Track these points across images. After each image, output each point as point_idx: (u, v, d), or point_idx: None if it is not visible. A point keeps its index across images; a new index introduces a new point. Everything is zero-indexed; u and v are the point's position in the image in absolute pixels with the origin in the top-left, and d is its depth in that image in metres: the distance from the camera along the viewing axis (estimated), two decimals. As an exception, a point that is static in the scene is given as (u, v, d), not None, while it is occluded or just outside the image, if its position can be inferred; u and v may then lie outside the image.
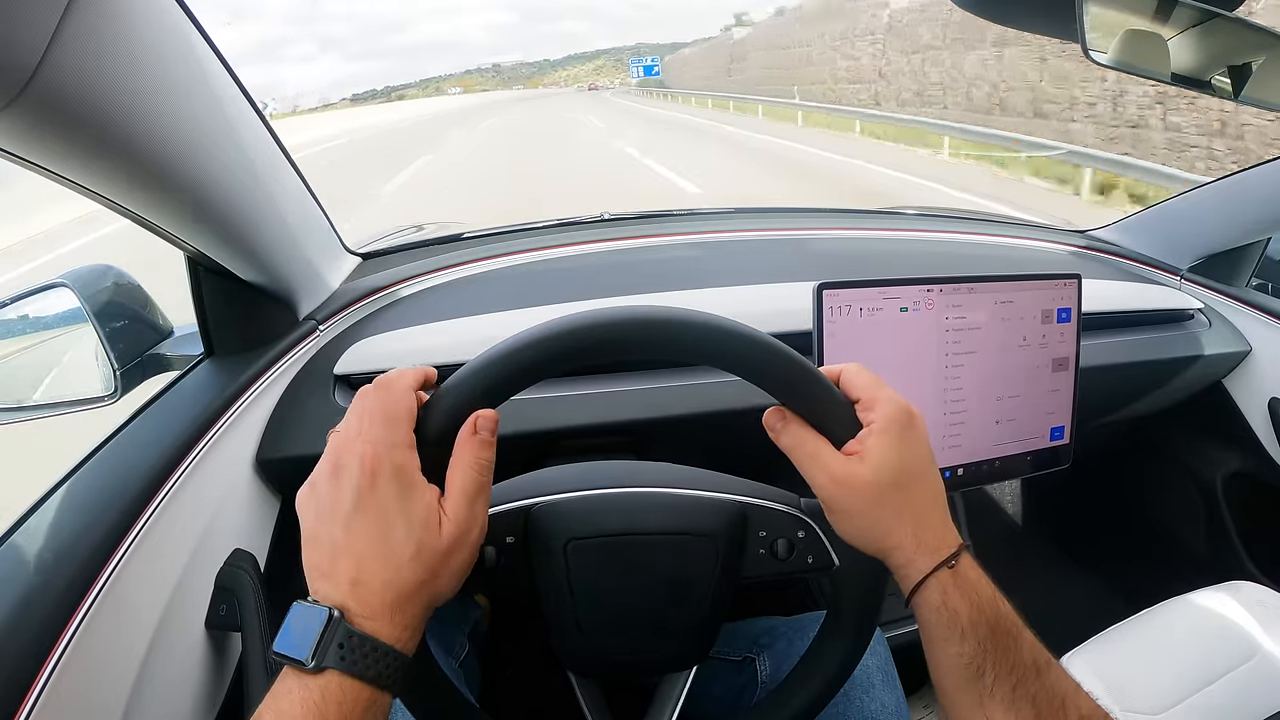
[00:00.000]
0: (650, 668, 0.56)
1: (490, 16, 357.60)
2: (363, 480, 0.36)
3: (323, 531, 0.36)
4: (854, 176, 7.76)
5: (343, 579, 0.35)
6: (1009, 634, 0.39)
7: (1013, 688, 0.38)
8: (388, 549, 0.36)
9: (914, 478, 0.41)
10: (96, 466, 0.60)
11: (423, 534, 0.36)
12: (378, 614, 0.35)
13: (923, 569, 0.40)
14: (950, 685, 0.40)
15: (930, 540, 0.40)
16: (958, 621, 0.39)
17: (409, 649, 0.36)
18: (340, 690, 0.33)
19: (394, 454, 0.37)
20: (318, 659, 0.33)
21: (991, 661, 0.38)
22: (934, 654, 0.41)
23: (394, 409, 0.38)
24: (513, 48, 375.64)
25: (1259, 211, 1.01)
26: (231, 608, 0.63)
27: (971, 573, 0.40)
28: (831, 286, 0.71)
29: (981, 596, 0.39)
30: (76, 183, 0.48)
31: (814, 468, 0.42)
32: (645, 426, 0.80)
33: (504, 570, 0.46)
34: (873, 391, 0.42)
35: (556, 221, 1.21)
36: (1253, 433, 1.08)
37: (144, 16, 0.44)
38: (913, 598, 0.41)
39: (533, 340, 0.40)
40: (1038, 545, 1.49)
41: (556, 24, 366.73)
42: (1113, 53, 0.72)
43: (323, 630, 0.34)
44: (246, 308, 0.75)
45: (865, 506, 0.41)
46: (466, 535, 0.38)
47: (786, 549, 0.47)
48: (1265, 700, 0.70)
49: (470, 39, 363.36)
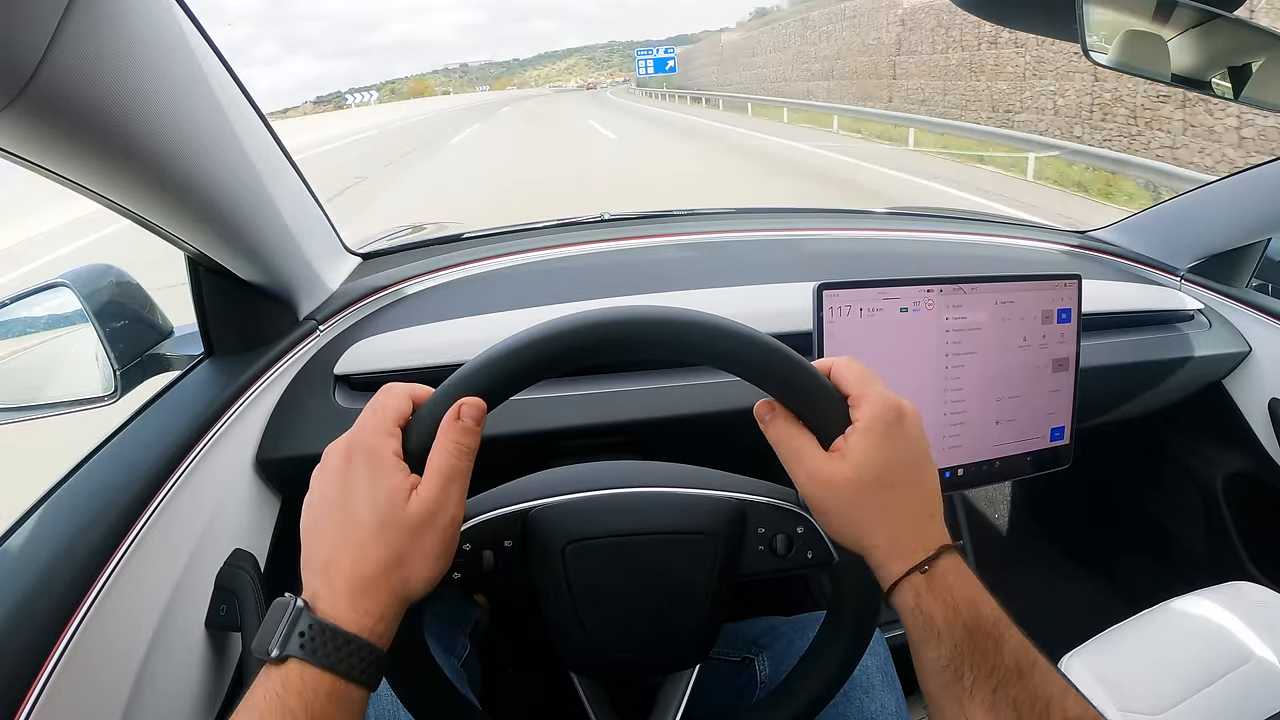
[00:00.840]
0: (652, 667, 0.56)
1: (460, 16, 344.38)
2: (338, 464, 0.38)
3: (307, 519, 0.38)
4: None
5: (318, 562, 0.36)
6: (989, 636, 0.38)
7: (993, 690, 0.37)
8: (353, 527, 0.36)
9: (898, 476, 0.40)
10: (97, 466, 0.60)
11: (387, 510, 0.36)
12: (340, 597, 0.35)
13: (895, 572, 0.40)
14: (932, 687, 0.40)
15: (907, 542, 0.40)
16: (932, 624, 0.39)
17: (378, 639, 0.36)
18: (300, 679, 0.33)
19: (369, 437, 0.38)
20: (279, 648, 0.33)
21: (970, 664, 0.38)
22: (915, 654, 0.41)
23: (382, 404, 0.39)
24: (481, 47, 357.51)
25: (1259, 212, 1.01)
26: (231, 608, 0.63)
27: (950, 575, 0.40)
28: (831, 287, 0.71)
29: (958, 599, 0.39)
30: (77, 183, 0.48)
31: (796, 464, 0.42)
32: (647, 426, 0.80)
33: (502, 574, 0.46)
34: (861, 387, 0.41)
35: (557, 221, 1.21)
36: (1253, 433, 1.08)
37: (144, 16, 0.44)
38: (889, 599, 0.41)
39: (526, 343, 0.40)
40: (1038, 545, 1.49)
41: (526, 24, 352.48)
42: (1113, 53, 0.72)
43: (287, 619, 0.34)
44: (246, 308, 0.75)
45: (844, 506, 0.41)
46: (435, 516, 0.37)
47: (785, 545, 0.47)
48: (1265, 700, 0.70)
49: (440, 38, 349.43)
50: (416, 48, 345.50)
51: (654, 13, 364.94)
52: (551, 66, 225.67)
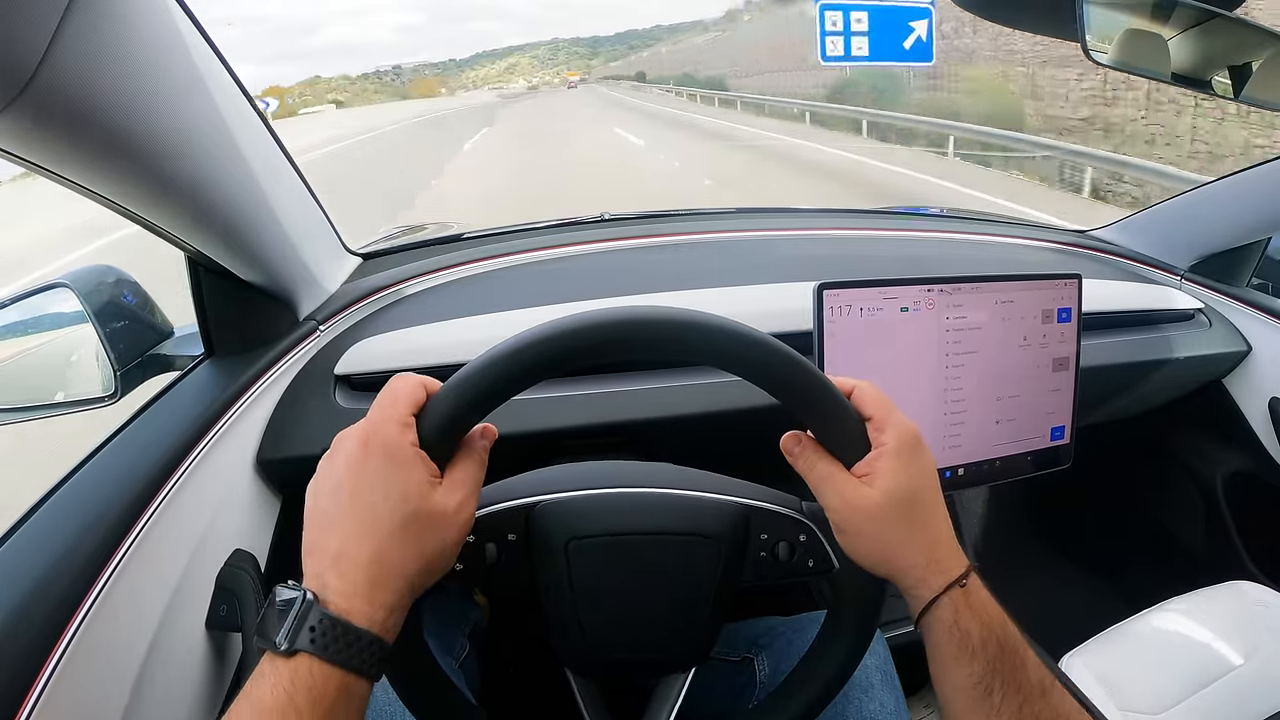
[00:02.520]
0: (649, 668, 0.56)
1: (399, 17, 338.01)
2: (355, 454, 0.37)
3: (314, 507, 0.37)
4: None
5: (327, 553, 0.35)
6: (1016, 653, 0.39)
7: (1019, 707, 0.38)
8: (373, 519, 0.36)
9: (923, 500, 0.42)
10: (97, 467, 0.60)
11: (412, 505, 0.36)
12: (357, 590, 0.35)
13: (935, 588, 0.40)
14: (959, 705, 0.40)
15: (941, 560, 0.41)
16: (969, 641, 0.39)
17: (387, 633, 0.35)
18: (310, 675, 0.33)
19: (385, 428, 0.37)
20: (289, 641, 0.33)
21: (1000, 681, 0.39)
22: (943, 674, 0.41)
23: (394, 394, 0.39)
24: (421, 49, 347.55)
25: (1259, 211, 1.01)
26: (232, 608, 0.63)
27: (981, 593, 0.41)
28: (832, 286, 0.71)
29: (991, 616, 0.40)
30: (77, 183, 0.48)
31: (828, 491, 0.42)
32: (647, 426, 0.80)
33: (504, 568, 0.46)
34: (885, 413, 0.42)
35: (556, 221, 1.21)
36: (1253, 432, 1.08)
37: (144, 16, 0.44)
38: (923, 618, 0.41)
39: (533, 340, 0.40)
40: (1037, 545, 1.49)
41: (466, 24, 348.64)
42: (1113, 53, 0.72)
43: (296, 612, 0.33)
44: (246, 308, 0.75)
45: (877, 529, 0.41)
46: (456, 515, 0.38)
47: (788, 552, 0.47)
48: (1265, 700, 0.70)
49: (379, 40, 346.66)
50: (354, 50, 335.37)
51: (596, 13, 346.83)
52: (490, 66, 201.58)
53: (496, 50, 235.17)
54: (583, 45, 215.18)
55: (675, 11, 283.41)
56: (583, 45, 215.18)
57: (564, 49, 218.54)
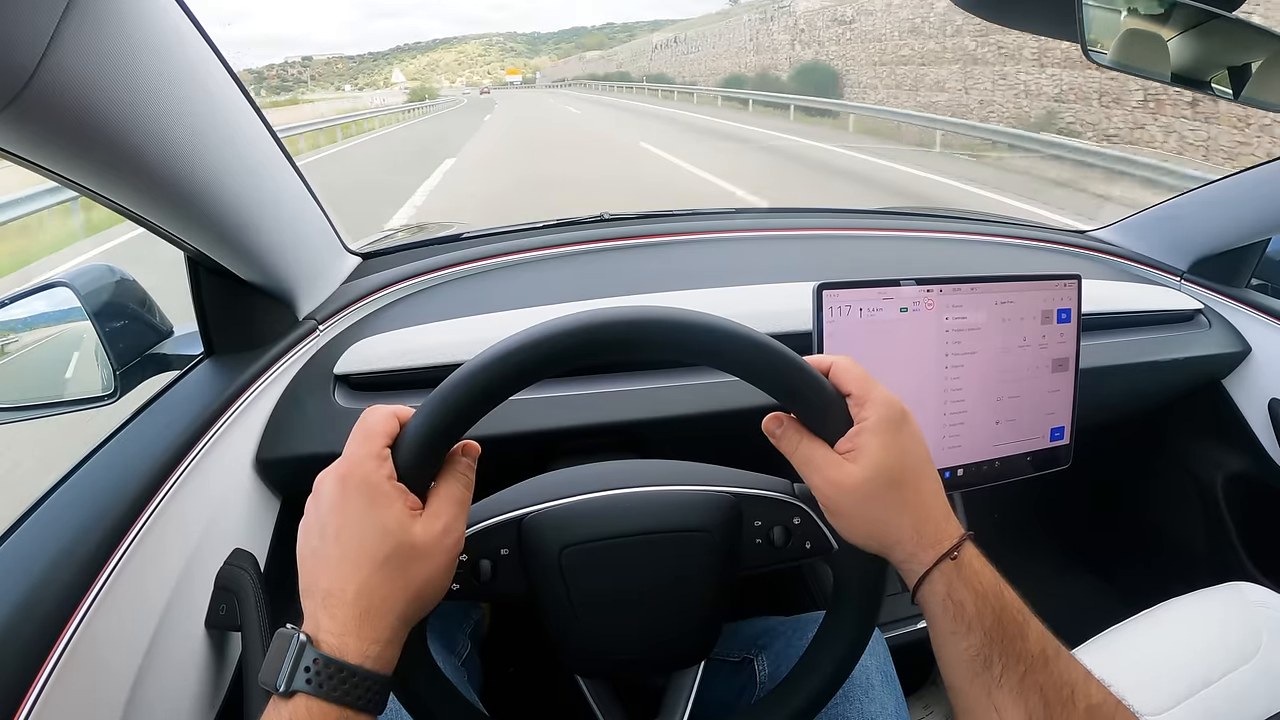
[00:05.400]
0: (655, 666, 0.56)
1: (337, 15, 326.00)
2: (334, 493, 0.38)
3: (304, 548, 0.38)
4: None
5: (318, 593, 0.36)
6: (1015, 623, 0.39)
7: (1021, 677, 0.38)
8: (356, 556, 0.36)
9: (911, 474, 0.41)
10: (96, 467, 0.60)
11: (393, 540, 0.37)
12: (347, 629, 0.35)
13: (925, 562, 0.40)
14: (958, 677, 0.40)
15: (931, 533, 0.40)
16: (964, 613, 0.39)
17: (382, 665, 0.36)
18: (308, 714, 0.34)
19: (361, 465, 0.38)
20: (286, 683, 0.34)
21: (999, 651, 0.38)
22: (941, 647, 0.41)
23: (367, 428, 0.39)
24: (349, 44, 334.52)
25: (1259, 211, 1.01)
26: (231, 608, 0.63)
27: (975, 562, 0.40)
28: (831, 287, 0.71)
29: (986, 586, 0.39)
30: (76, 183, 0.48)
31: (811, 471, 0.42)
32: (646, 426, 0.80)
33: (500, 582, 0.46)
34: (865, 388, 0.42)
35: (556, 221, 1.21)
36: (1252, 433, 1.08)
37: (144, 17, 0.44)
38: (918, 592, 0.41)
39: (503, 354, 0.40)
40: (1037, 545, 1.49)
41: (399, 20, 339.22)
42: (1113, 53, 0.72)
43: (292, 654, 0.35)
44: (246, 308, 0.75)
45: (863, 506, 0.41)
46: (442, 540, 0.38)
47: (783, 536, 0.47)
48: (1265, 701, 0.70)
49: (311, 35, 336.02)
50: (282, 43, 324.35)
51: (543, 13, 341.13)
52: (414, 61, 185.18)
53: (421, 43, 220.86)
54: (520, 41, 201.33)
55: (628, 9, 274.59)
56: (520, 41, 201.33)
57: (498, 44, 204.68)
